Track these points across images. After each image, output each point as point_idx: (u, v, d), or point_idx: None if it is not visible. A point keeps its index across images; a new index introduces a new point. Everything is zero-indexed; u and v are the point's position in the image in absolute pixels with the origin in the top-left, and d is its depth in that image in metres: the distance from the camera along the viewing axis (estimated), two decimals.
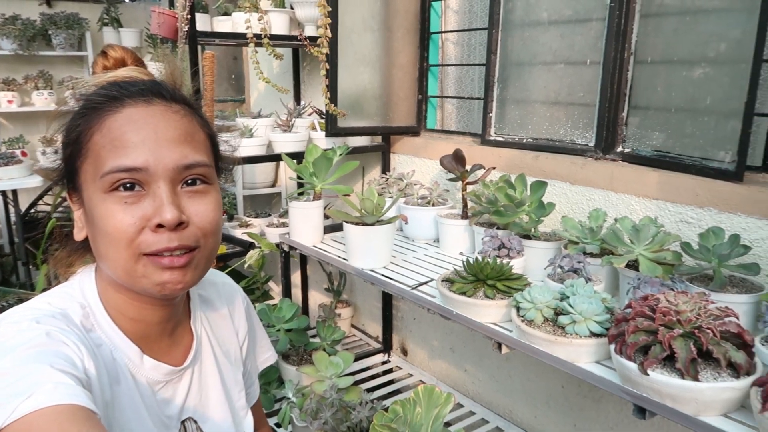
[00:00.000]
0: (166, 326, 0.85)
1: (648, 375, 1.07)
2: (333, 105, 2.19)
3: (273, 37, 2.42)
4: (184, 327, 0.90)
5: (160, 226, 0.72)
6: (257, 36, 2.18)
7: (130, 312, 0.80)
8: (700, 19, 1.60)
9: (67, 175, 0.79)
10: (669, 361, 1.08)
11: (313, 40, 2.30)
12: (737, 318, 1.10)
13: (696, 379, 1.03)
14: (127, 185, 0.72)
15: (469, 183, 2.01)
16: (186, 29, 2.07)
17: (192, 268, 0.76)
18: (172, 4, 2.96)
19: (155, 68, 0.92)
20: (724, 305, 1.13)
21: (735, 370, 1.05)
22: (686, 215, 1.61)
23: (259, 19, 2.15)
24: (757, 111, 1.46)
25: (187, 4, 2.03)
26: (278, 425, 2.07)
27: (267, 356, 1.13)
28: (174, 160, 0.74)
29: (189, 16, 2.06)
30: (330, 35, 2.10)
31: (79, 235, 0.81)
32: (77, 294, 0.80)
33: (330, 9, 2.09)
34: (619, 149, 1.83)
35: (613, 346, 1.16)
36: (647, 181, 1.69)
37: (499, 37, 2.13)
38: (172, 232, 0.73)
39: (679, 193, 1.61)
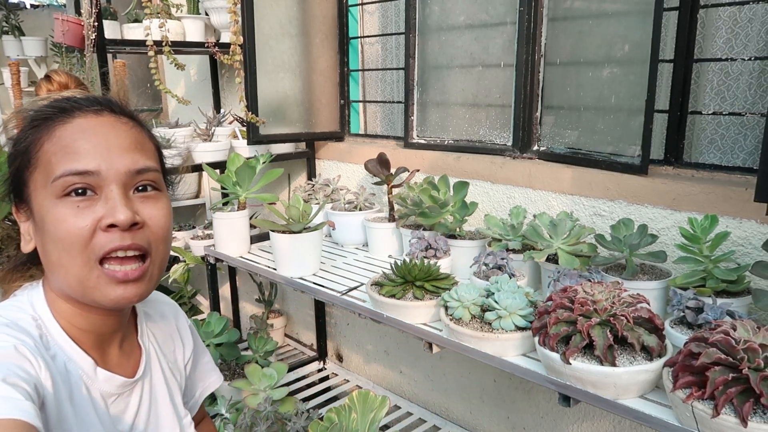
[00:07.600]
0: (115, 337, 0.85)
1: (570, 364, 1.11)
2: (251, 113, 2.15)
3: (185, 45, 2.35)
4: (132, 340, 0.91)
5: (112, 226, 0.73)
6: (157, 43, 2.11)
7: (80, 323, 0.80)
8: (602, 22, 1.69)
9: (15, 188, 0.80)
10: (589, 349, 1.13)
11: (228, 47, 2.25)
12: (648, 304, 1.17)
13: (614, 364, 1.09)
14: (79, 190, 0.73)
15: (394, 186, 2.03)
16: (93, 37, 1.97)
17: (146, 281, 0.78)
18: (78, 10, 2.81)
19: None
20: (636, 292, 1.20)
21: (648, 353, 1.12)
22: (599, 208, 1.69)
23: (160, 26, 2.07)
24: (656, 108, 1.56)
25: (94, 11, 1.94)
26: None
27: (213, 379, 1.11)
28: (125, 165, 0.75)
29: (96, 24, 1.97)
30: (242, 42, 2.07)
31: (26, 247, 0.80)
32: (27, 306, 0.79)
33: (240, 17, 2.05)
34: (535, 148, 1.91)
35: (537, 338, 1.20)
36: (562, 178, 1.76)
37: (416, 41, 2.17)
38: (125, 231, 0.74)
39: (591, 188, 1.70)
